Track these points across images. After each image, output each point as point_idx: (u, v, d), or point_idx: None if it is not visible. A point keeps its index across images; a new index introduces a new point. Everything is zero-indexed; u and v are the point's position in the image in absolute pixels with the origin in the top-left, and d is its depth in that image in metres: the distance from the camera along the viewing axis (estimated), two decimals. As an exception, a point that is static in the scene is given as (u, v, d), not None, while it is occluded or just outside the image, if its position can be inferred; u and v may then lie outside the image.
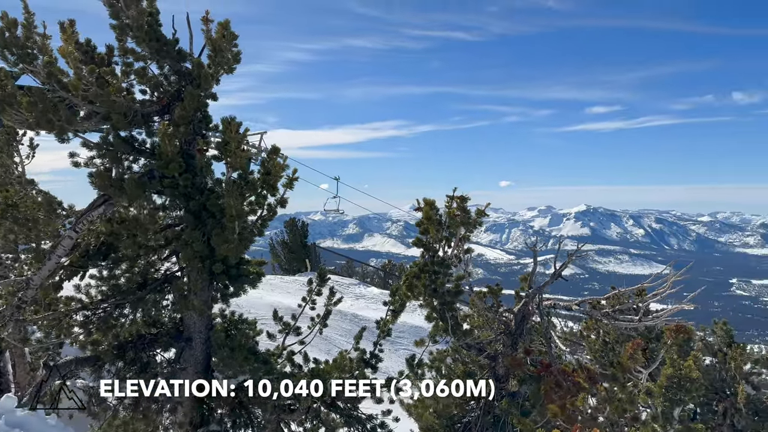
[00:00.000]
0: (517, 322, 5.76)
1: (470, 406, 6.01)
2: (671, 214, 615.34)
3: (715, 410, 8.59)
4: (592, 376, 4.58)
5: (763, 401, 8.51)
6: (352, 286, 29.47)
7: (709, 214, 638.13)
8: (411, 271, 5.90)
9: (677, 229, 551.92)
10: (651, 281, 5.36)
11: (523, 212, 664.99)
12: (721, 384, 8.54)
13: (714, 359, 8.71)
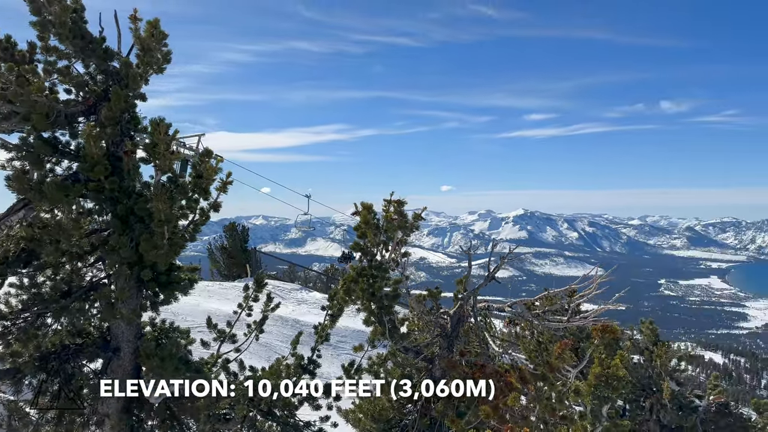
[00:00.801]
0: (452, 324, 5.84)
1: (407, 409, 6.04)
2: (603, 217, 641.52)
3: (643, 406, 8.99)
4: (524, 376, 4.70)
5: (687, 396, 8.98)
6: (294, 291, 29.15)
7: (638, 218, 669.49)
8: (349, 276, 5.89)
9: (609, 232, 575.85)
10: (578, 282, 5.55)
11: (464, 216, 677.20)
12: (648, 381, 8.96)
13: (641, 357, 9.13)
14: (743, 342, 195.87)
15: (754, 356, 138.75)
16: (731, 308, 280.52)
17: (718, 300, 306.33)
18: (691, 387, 9.87)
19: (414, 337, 6.31)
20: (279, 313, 25.40)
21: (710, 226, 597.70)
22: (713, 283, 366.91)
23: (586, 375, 7.45)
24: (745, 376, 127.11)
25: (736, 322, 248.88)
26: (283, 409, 6.59)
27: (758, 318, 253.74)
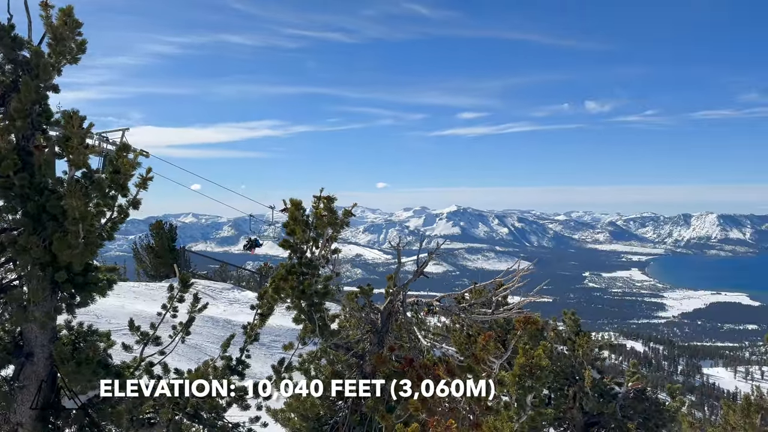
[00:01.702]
0: (383, 320, 5.88)
1: (338, 406, 6.04)
2: (532, 213, 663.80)
3: (566, 394, 9.37)
4: (451, 368, 4.79)
5: (607, 384, 9.42)
6: (226, 290, 28.53)
7: (564, 214, 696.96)
8: (278, 273, 5.81)
9: (537, 227, 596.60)
10: (503, 276, 5.72)
11: (400, 213, 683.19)
12: (571, 370, 9.34)
13: (564, 347, 9.51)
14: (662, 330, 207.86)
15: (671, 344, 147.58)
16: (650, 299, 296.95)
17: (638, 291, 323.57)
18: (612, 375, 10.37)
19: (345, 333, 6.30)
20: (210, 313, 24.79)
21: (631, 221, 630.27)
22: (634, 275, 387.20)
23: (513, 366, 7.69)
24: (663, 362, 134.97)
25: (655, 312, 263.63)
26: (210, 411, 6.44)
27: (675, 308, 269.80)
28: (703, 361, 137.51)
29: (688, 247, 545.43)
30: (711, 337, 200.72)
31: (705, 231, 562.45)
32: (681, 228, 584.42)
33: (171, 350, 6.74)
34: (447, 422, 3.90)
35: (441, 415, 4.69)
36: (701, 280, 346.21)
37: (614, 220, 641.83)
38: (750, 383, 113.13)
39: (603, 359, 9.42)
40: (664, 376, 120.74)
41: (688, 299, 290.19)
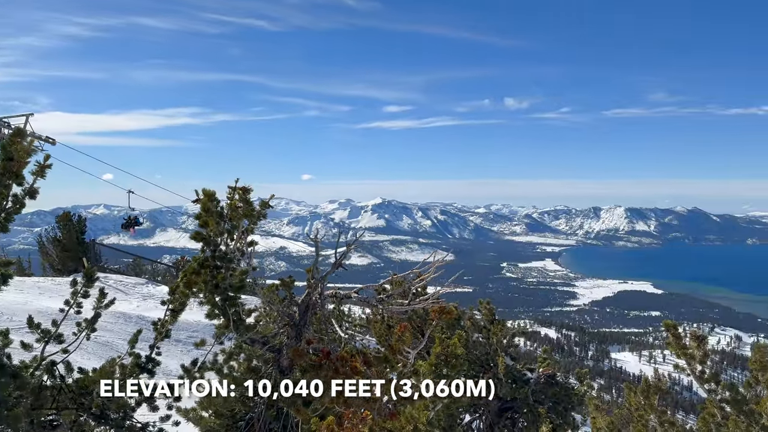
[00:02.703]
0: (300, 312, 5.81)
1: (253, 401, 5.92)
2: (453, 206, 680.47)
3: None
4: (368, 359, 4.79)
5: (520, 370, 9.79)
6: (139, 285, 27.41)
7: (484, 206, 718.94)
8: (190, 267, 5.59)
9: (458, 219, 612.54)
10: (420, 267, 5.79)
11: (325, 205, 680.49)
12: (486, 357, 9.63)
13: (480, 335, 9.79)
14: (573, 318, 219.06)
15: (582, 330, 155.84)
16: (563, 288, 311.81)
17: (552, 281, 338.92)
18: (525, 361, 10.80)
19: (261, 328, 6.17)
20: (122, 309, 23.69)
21: (545, 214, 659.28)
22: (548, 265, 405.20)
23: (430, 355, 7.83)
24: (575, 348, 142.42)
25: (567, 300, 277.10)
26: (117, 411, 6.13)
27: (585, 296, 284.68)
28: (611, 346, 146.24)
29: (598, 238, 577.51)
30: (618, 323, 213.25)
31: (614, 223, 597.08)
32: (591, 220, 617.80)
33: (75, 348, 6.36)
34: (363, 413, 3.90)
35: (357, 407, 4.69)
36: (610, 269, 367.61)
37: (530, 212, 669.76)
38: (653, 366, 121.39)
39: (517, 346, 9.77)
40: (575, 361, 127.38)
41: (598, 288, 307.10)
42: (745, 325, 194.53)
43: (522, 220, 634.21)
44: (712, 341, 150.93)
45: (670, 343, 7.41)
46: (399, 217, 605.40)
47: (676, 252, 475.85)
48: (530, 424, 8.64)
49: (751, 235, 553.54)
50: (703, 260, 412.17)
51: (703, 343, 7.24)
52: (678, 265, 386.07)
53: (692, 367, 7.29)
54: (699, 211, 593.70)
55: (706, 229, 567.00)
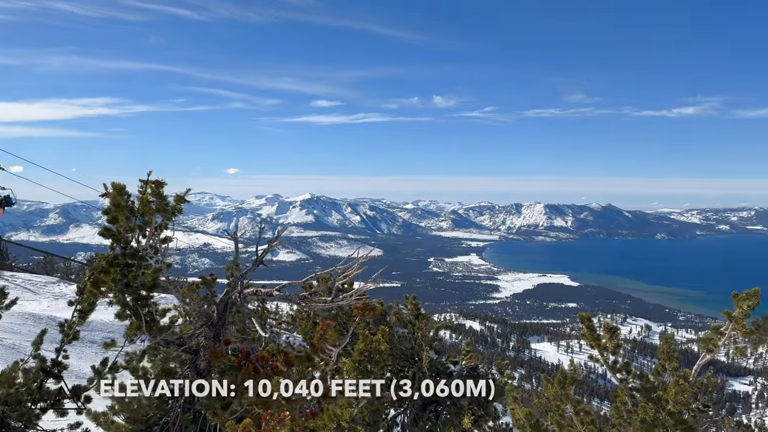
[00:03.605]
0: (219, 312, 5.58)
1: (169, 405, 5.65)
2: (382, 202, 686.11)
3: (406, 376, 9.71)
4: (289, 359, 4.66)
5: (444, 363, 9.91)
6: (50, 284, 25.87)
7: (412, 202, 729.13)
8: (98, 265, 5.25)
9: (387, 215, 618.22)
10: (344, 263, 5.71)
11: (252, 200, 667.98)
12: (411, 352, 9.68)
13: (405, 330, 9.83)
14: (496, 310, 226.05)
15: (504, 322, 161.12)
16: (487, 281, 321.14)
17: (476, 274, 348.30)
18: (449, 354, 10.95)
19: (177, 328, 5.90)
20: (31, 309, 22.27)
21: (471, 210, 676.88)
22: (473, 260, 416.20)
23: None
24: (497, 339, 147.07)
25: (491, 293, 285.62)
26: (19, 419, 5.69)
27: (507, 289, 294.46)
28: (531, 337, 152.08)
29: (519, 233, 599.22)
30: (538, 315, 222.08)
31: (534, 219, 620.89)
32: (513, 216, 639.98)
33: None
34: (281, 414, 3.78)
35: (277, 408, 4.56)
36: (530, 263, 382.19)
37: (456, 208, 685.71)
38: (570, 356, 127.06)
39: (441, 340, 9.89)
40: (498, 352, 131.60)
41: (519, 281, 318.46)
42: (654, 315, 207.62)
43: (448, 216, 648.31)
44: (624, 331, 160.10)
45: (584, 334, 7.70)
46: (328, 213, 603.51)
47: (592, 246, 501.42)
48: (453, 416, 8.76)
49: (660, 230, 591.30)
50: (616, 254, 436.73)
51: (615, 334, 7.57)
52: (593, 258, 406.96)
53: (605, 357, 7.61)
54: (613, 208, 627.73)
55: (619, 224, 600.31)
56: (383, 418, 9.52)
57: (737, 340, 7.79)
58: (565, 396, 7.48)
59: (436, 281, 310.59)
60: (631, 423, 7.85)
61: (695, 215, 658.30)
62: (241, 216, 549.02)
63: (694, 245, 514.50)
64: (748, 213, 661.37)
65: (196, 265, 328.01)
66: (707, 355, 8.04)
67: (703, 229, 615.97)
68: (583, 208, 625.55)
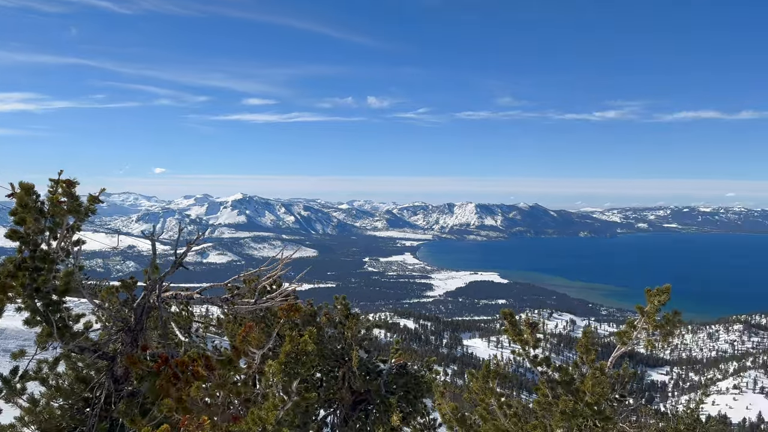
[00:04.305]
0: (137, 317, 5.39)
1: (84, 414, 5.40)
2: (317, 202, 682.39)
3: (337, 376, 9.70)
4: (210, 363, 4.57)
5: (374, 362, 9.97)
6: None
7: (347, 203, 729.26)
8: (4, 270, 4.95)
9: (322, 215, 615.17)
10: (268, 264, 5.64)
11: (180, 201, 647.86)
12: (341, 352, 9.68)
13: (335, 331, 9.82)
14: (430, 308, 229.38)
15: (437, 320, 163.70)
16: (421, 280, 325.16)
17: (410, 273, 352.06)
18: (379, 353, 11.02)
19: (93, 334, 5.64)
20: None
21: (405, 210, 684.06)
22: (407, 259, 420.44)
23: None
24: (431, 337, 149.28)
25: (425, 292, 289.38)
26: None
27: (441, 287, 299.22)
28: (463, 333, 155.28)
29: (452, 232, 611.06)
30: (470, 312, 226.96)
31: (465, 218, 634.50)
32: (446, 216, 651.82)
33: None
34: (201, 420, 3.70)
35: (197, 413, 4.45)
36: (462, 262, 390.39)
37: (391, 208, 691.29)
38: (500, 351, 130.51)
39: (371, 339, 9.94)
40: (431, 350, 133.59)
41: (452, 279, 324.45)
42: (578, 310, 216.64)
43: (383, 216, 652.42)
44: (551, 325, 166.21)
45: (507, 330, 7.95)
46: (261, 214, 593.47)
47: (520, 244, 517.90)
48: (382, 414, 8.83)
49: (583, 228, 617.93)
50: (543, 252, 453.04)
51: (536, 329, 7.86)
52: (521, 256, 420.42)
53: (526, 351, 7.88)
54: (539, 207, 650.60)
55: (545, 223, 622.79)
56: (313, 419, 9.48)
57: (650, 334, 8.27)
58: (489, 390, 7.70)
59: (371, 281, 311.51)
60: (551, 414, 8.18)
61: (616, 214, 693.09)
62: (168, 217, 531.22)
63: (614, 243, 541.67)
64: (665, 212, 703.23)
65: (120, 268, 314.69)
66: (621, 348, 8.48)
67: (623, 227, 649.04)
68: (511, 208, 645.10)
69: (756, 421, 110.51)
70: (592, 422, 8.07)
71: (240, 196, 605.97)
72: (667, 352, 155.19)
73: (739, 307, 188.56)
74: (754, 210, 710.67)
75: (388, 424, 8.92)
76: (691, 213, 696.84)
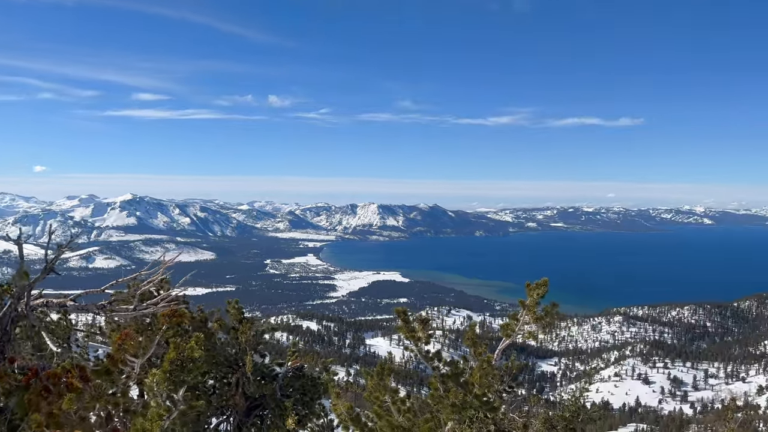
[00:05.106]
0: (2, 327, 4.96)
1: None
2: (215, 203, 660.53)
3: (230, 382, 9.47)
4: (85, 374, 4.30)
5: (269, 366, 9.83)
6: None
7: (247, 203, 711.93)
8: None
9: (220, 217, 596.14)
10: (150, 267, 5.41)
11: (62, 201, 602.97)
12: (235, 357, 9.46)
13: (228, 336, 9.58)
14: (333, 309, 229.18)
15: (341, 320, 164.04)
16: (324, 281, 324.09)
17: (313, 275, 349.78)
18: (276, 356, 10.88)
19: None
20: None
21: (308, 211, 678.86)
22: (310, 260, 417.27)
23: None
24: (334, 338, 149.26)
25: (328, 293, 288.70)
26: None
27: (344, 288, 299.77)
28: (366, 333, 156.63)
29: (355, 233, 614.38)
30: (372, 311, 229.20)
31: (368, 219, 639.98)
32: (349, 216, 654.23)
33: None
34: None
35: (71, 427, 4.19)
36: (365, 262, 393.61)
37: (293, 209, 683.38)
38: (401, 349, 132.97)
39: (266, 342, 9.80)
40: (334, 351, 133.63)
41: (355, 279, 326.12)
42: (475, 306, 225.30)
43: (285, 216, 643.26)
44: (449, 322, 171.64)
45: (400, 327, 8.16)
46: (153, 215, 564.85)
47: (421, 244, 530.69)
48: (277, 418, 8.74)
49: (479, 228, 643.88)
50: (442, 251, 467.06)
51: (427, 326, 8.13)
52: (422, 255, 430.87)
53: (419, 347, 8.13)
54: (438, 208, 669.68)
55: (443, 223, 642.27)
56: (205, 427, 9.19)
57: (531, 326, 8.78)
58: (383, 387, 7.86)
59: (273, 283, 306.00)
60: (443, 408, 8.47)
61: (508, 214, 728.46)
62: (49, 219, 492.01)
63: (507, 241, 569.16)
64: (552, 212, 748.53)
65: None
66: (507, 340, 8.95)
67: (514, 226, 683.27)
68: (412, 208, 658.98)
69: (634, 405, 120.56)
70: (482, 413, 8.45)
71: (130, 196, 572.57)
72: (556, 344, 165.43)
73: (619, 300, 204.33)
74: (631, 210, 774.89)
75: (284, 428, 8.83)
76: (575, 213, 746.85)
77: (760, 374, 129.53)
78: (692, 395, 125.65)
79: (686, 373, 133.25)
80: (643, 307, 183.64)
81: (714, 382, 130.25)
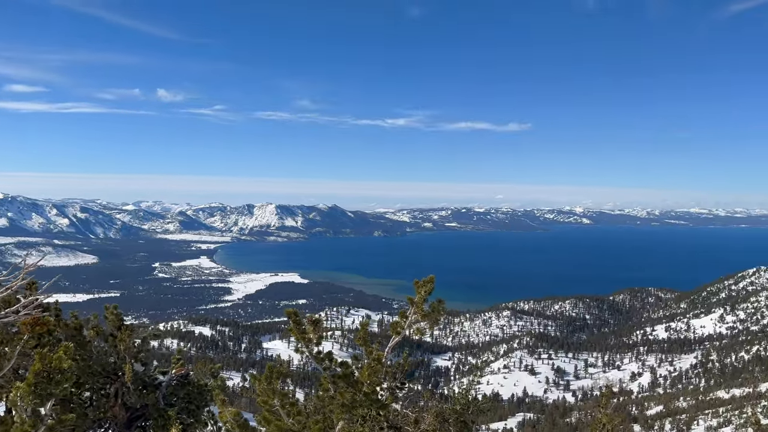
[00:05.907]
0: None
1: None
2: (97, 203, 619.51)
3: (109, 393, 8.90)
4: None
5: (151, 374, 9.35)
6: None
7: (133, 203, 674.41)
8: None
9: (103, 218, 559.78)
10: (9, 272, 4.98)
11: None
12: (113, 366, 8.91)
13: (106, 344, 9.00)
14: (228, 313, 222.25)
15: (236, 325, 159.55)
16: (218, 284, 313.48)
17: (207, 278, 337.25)
18: (163, 364, 10.37)
19: None
20: None
21: (200, 211, 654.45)
22: (203, 263, 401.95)
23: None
24: (229, 343, 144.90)
25: (223, 296, 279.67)
26: None
27: (240, 290, 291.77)
28: (263, 336, 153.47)
29: (252, 234, 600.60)
30: (270, 314, 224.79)
31: (266, 220, 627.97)
32: (245, 217, 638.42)
33: None
34: None
35: None
36: (262, 263, 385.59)
37: (184, 209, 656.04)
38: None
39: (148, 350, 9.31)
40: (229, 356, 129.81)
41: (252, 282, 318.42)
42: (373, 305, 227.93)
43: (176, 217, 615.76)
44: (348, 321, 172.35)
45: (291, 329, 8.07)
46: (27, 216, 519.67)
47: (320, 245, 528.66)
48: (160, 428, 8.33)
49: (378, 228, 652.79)
50: (341, 251, 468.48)
51: (319, 327, 8.08)
52: (321, 256, 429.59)
53: (309, 348, 8.07)
54: (338, 208, 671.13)
55: (343, 223, 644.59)
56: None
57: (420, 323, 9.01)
58: (272, 390, 7.73)
59: (162, 288, 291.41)
60: (334, 408, 8.48)
61: (405, 214, 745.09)
62: None
63: (404, 241, 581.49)
64: (446, 212, 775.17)
65: None
66: (396, 337, 9.12)
67: (411, 226, 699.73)
68: (311, 209, 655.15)
69: (522, 396, 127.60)
70: (374, 411, 8.55)
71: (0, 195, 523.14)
72: (450, 339, 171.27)
73: (507, 295, 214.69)
74: (518, 210, 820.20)
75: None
76: (467, 213, 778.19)
77: (632, 362, 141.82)
78: (574, 384, 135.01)
79: (568, 363, 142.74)
80: (529, 302, 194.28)
81: (593, 371, 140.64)
